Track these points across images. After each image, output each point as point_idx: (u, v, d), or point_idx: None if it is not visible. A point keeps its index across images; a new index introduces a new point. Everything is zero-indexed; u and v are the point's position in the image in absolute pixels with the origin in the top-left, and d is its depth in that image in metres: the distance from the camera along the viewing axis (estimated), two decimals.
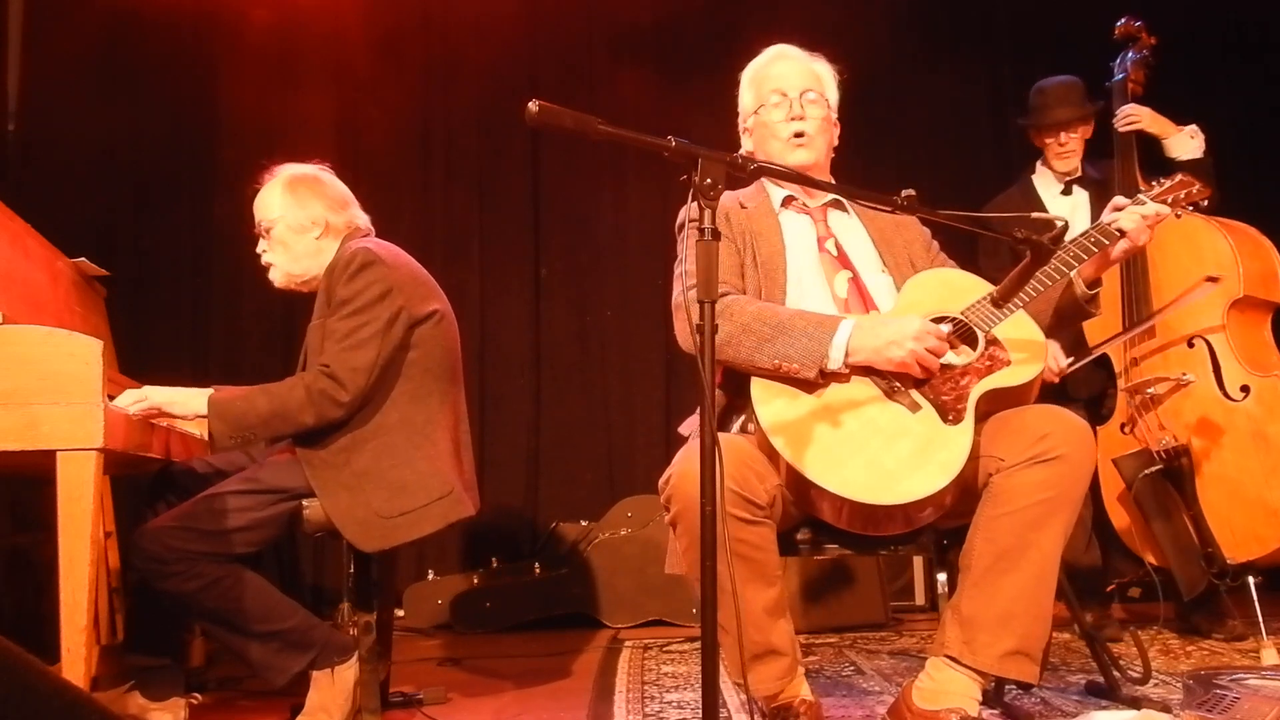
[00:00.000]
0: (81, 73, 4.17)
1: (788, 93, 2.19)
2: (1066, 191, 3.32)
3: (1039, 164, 3.38)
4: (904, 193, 1.73)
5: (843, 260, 2.15)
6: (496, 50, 4.45)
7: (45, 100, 4.14)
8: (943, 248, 2.30)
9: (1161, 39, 3.21)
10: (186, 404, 2.26)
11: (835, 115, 2.27)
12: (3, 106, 4.12)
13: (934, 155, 4.53)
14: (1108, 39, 3.25)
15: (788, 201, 2.22)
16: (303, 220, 2.45)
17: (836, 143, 2.28)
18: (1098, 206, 3.27)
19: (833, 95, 2.27)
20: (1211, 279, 2.77)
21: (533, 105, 1.47)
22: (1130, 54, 3.20)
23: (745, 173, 1.59)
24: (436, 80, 4.50)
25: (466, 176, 4.50)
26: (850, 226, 2.23)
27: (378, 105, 4.41)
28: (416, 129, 4.50)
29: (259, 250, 2.50)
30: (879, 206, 2.14)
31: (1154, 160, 3.18)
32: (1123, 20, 3.20)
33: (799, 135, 2.16)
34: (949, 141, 4.56)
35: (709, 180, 1.52)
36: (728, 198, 2.18)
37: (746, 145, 2.29)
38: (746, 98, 2.27)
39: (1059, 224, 1.76)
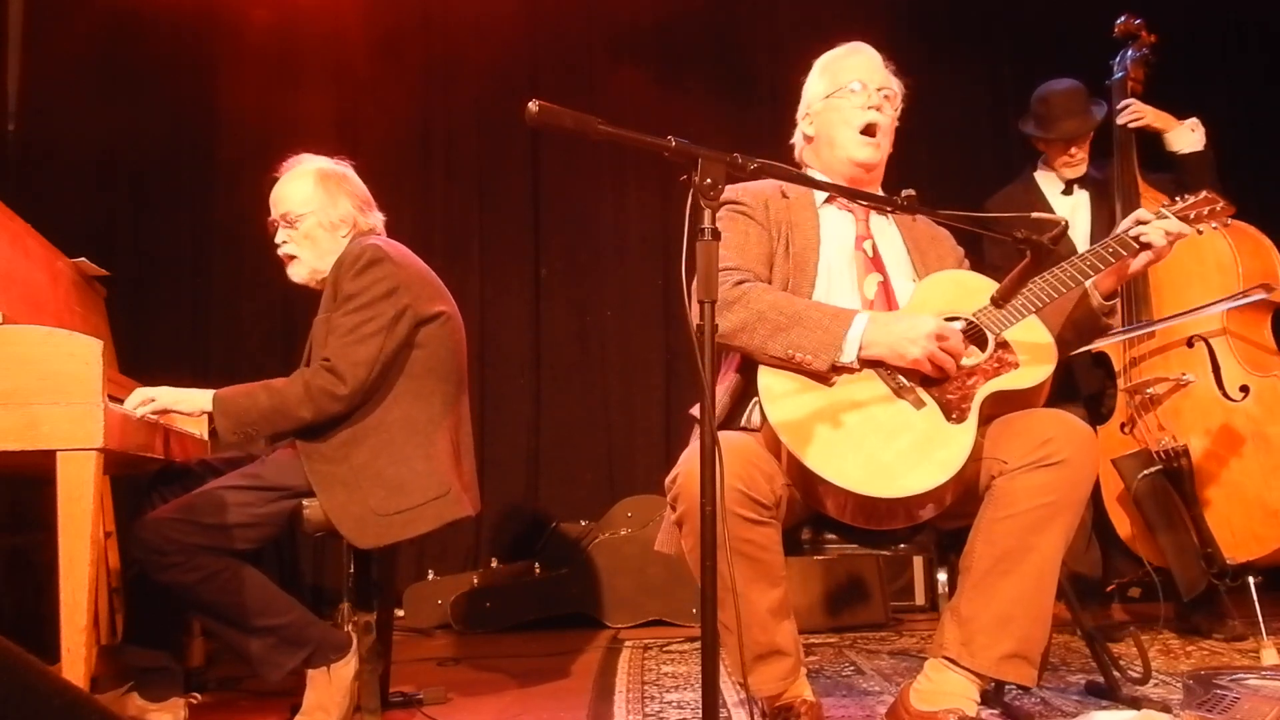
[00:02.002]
0: (81, 73, 4.16)
1: (867, 84, 2.19)
2: (1068, 191, 3.33)
3: (1041, 162, 3.39)
4: (904, 193, 1.74)
5: (876, 263, 2.14)
6: (496, 50, 4.45)
7: (45, 100, 4.14)
8: None
9: (1161, 37, 3.21)
10: (192, 401, 2.28)
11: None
12: (3, 106, 4.12)
13: (934, 155, 4.53)
14: (1108, 38, 3.25)
15: (834, 197, 2.20)
16: (334, 217, 2.45)
17: (891, 150, 2.26)
18: (1098, 206, 3.28)
19: (899, 102, 2.26)
20: (1267, 286, 2.76)
21: (533, 105, 1.47)
22: (1130, 52, 3.20)
23: (745, 173, 1.59)
24: (436, 80, 4.50)
25: (466, 176, 4.50)
26: (888, 232, 2.22)
27: (378, 105, 4.41)
28: (416, 129, 4.50)
29: (279, 241, 2.46)
30: (879, 207, 2.15)
31: (1155, 155, 3.18)
32: (1122, 18, 3.20)
33: (870, 130, 2.15)
34: (949, 141, 4.55)
35: (709, 180, 1.52)
36: (769, 185, 2.16)
37: (805, 131, 2.25)
38: (819, 84, 2.24)
39: (1060, 224, 1.76)
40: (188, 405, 2.28)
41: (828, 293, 2.08)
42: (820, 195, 2.19)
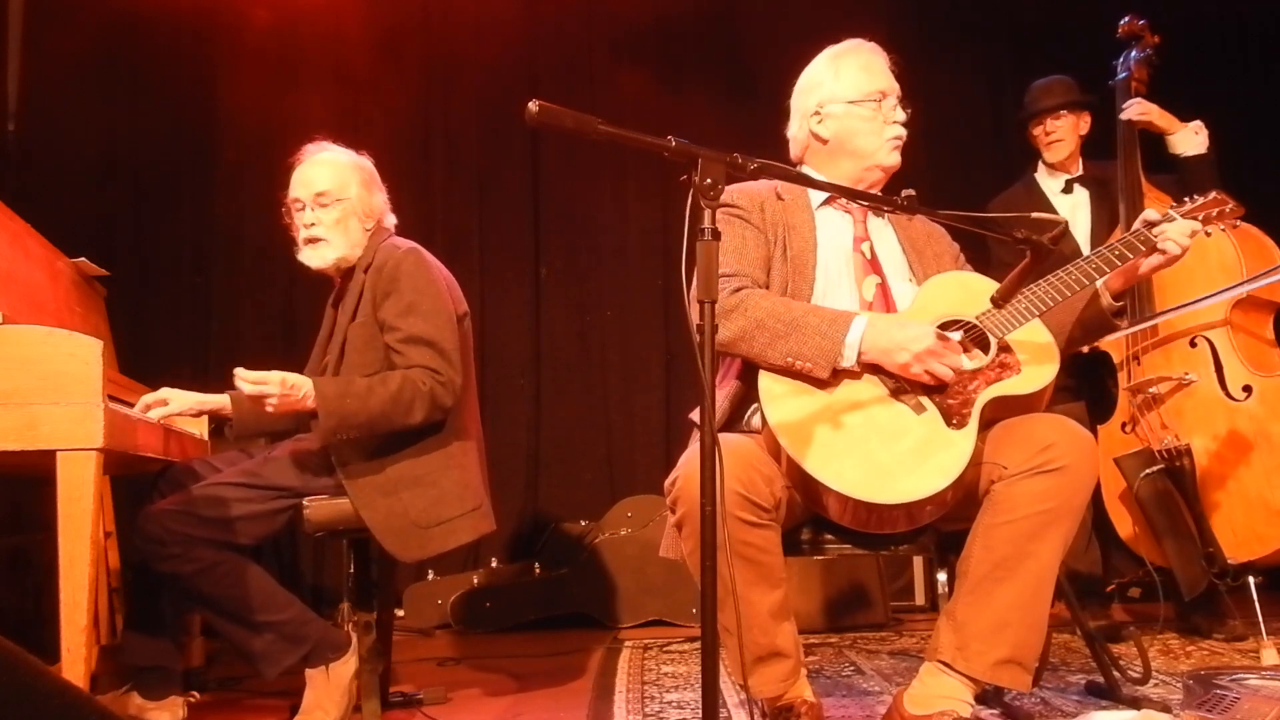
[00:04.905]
0: (81, 73, 4.16)
1: (890, 94, 2.18)
2: (1067, 190, 3.35)
3: (1040, 162, 3.40)
4: (904, 193, 1.73)
5: (874, 265, 2.13)
6: (496, 50, 4.45)
7: (45, 100, 4.14)
8: None
9: (1163, 38, 3.21)
10: (307, 394, 2.22)
11: None
12: (3, 106, 4.12)
13: (934, 155, 4.52)
14: (1109, 38, 3.26)
15: (831, 199, 2.19)
16: (369, 208, 2.48)
17: None
18: (1098, 205, 3.29)
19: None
20: None
21: (533, 105, 1.46)
22: (1134, 52, 3.21)
23: (745, 173, 1.59)
24: (436, 80, 4.50)
25: (466, 176, 4.49)
26: (885, 233, 2.21)
27: (378, 105, 4.41)
28: (417, 129, 4.49)
29: (308, 222, 2.44)
30: (879, 207, 2.14)
31: (1157, 157, 3.18)
32: (1126, 19, 3.20)
33: (899, 139, 2.16)
34: (949, 141, 4.55)
35: (709, 180, 1.51)
36: (764, 186, 2.14)
37: (816, 130, 2.19)
38: (836, 85, 2.19)
39: (1060, 224, 1.76)
40: (306, 396, 2.22)
41: (826, 295, 2.07)
42: (818, 197, 2.18)
